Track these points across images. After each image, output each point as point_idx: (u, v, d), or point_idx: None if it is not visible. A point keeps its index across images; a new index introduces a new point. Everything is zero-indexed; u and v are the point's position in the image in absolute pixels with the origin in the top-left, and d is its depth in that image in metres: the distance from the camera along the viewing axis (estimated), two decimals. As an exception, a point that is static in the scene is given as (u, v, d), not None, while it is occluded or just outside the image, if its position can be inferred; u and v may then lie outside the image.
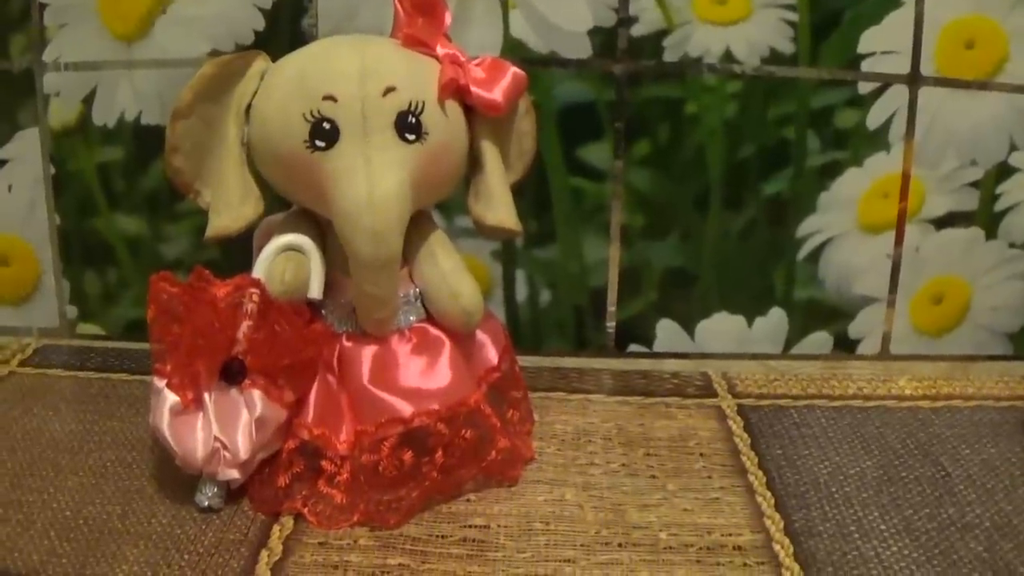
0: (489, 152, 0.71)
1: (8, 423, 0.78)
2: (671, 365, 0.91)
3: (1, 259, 0.93)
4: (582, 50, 0.85)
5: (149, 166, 0.89)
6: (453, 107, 0.69)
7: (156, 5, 0.85)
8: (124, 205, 0.90)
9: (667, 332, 0.92)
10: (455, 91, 0.68)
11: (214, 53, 0.85)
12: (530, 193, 0.86)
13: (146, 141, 0.88)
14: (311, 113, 0.65)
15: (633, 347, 0.92)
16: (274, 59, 0.71)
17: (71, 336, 0.93)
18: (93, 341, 0.93)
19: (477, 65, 0.70)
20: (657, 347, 0.92)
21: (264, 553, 0.64)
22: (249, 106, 0.69)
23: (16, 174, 0.90)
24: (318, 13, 0.85)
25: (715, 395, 0.85)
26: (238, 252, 0.72)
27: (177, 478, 0.69)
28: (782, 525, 0.68)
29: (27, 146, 0.90)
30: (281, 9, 0.85)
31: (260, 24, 0.85)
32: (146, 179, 0.89)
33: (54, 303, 0.93)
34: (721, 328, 0.91)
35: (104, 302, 0.93)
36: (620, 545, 0.66)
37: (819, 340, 0.92)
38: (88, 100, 0.88)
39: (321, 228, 0.70)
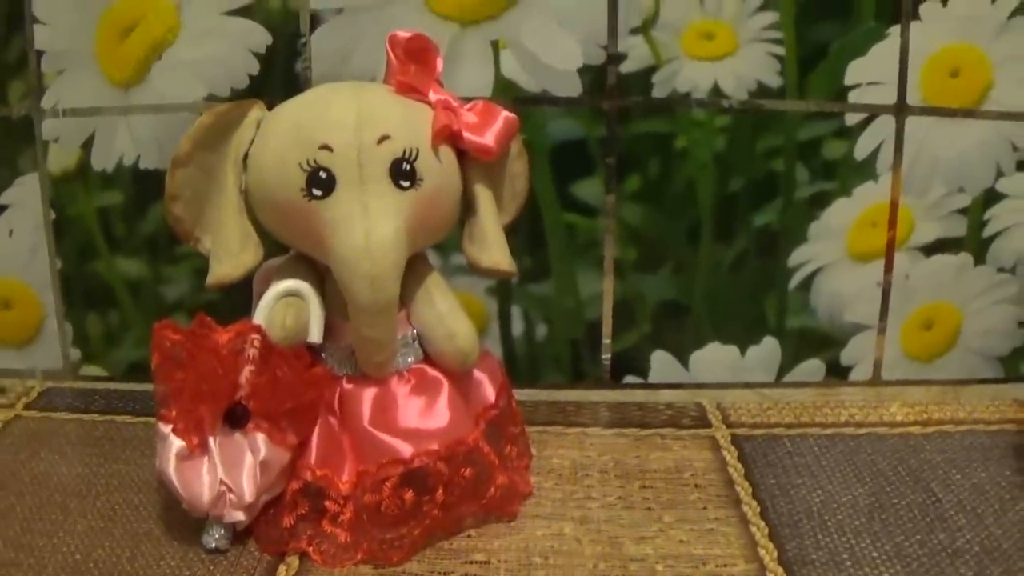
0: (482, 195, 0.72)
1: (16, 467, 0.79)
2: (666, 395, 0.92)
3: (4, 303, 0.94)
4: (572, 88, 0.86)
5: (148, 210, 0.90)
6: (446, 152, 0.70)
7: (152, 51, 0.87)
8: (124, 248, 0.91)
9: (661, 363, 0.93)
10: (448, 137, 0.69)
11: (210, 97, 0.87)
12: (524, 229, 0.88)
13: (145, 185, 0.89)
14: (307, 162, 0.66)
15: (629, 378, 0.93)
16: (269, 103, 0.72)
17: (75, 378, 0.94)
18: (96, 383, 0.94)
19: (469, 110, 0.71)
20: (652, 378, 0.93)
21: (271, 593, 0.66)
22: (247, 154, 0.70)
23: (17, 219, 0.91)
24: (312, 57, 0.86)
25: (709, 425, 0.86)
26: (238, 294, 0.73)
27: (184, 520, 0.70)
28: (776, 555, 0.69)
29: (27, 191, 0.91)
30: (275, 53, 0.86)
31: (255, 68, 0.86)
32: (145, 223, 0.90)
33: (57, 345, 0.94)
34: (715, 358, 0.92)
35: (106, 344, 0.94)
36: (618, 577, 0.67)
37: (812, 368, 0.93)
38: (87, 145, 0.89)
39: (319, 273, 0.71)
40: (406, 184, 0.67)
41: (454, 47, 0.85)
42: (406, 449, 0.68)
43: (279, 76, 0.86)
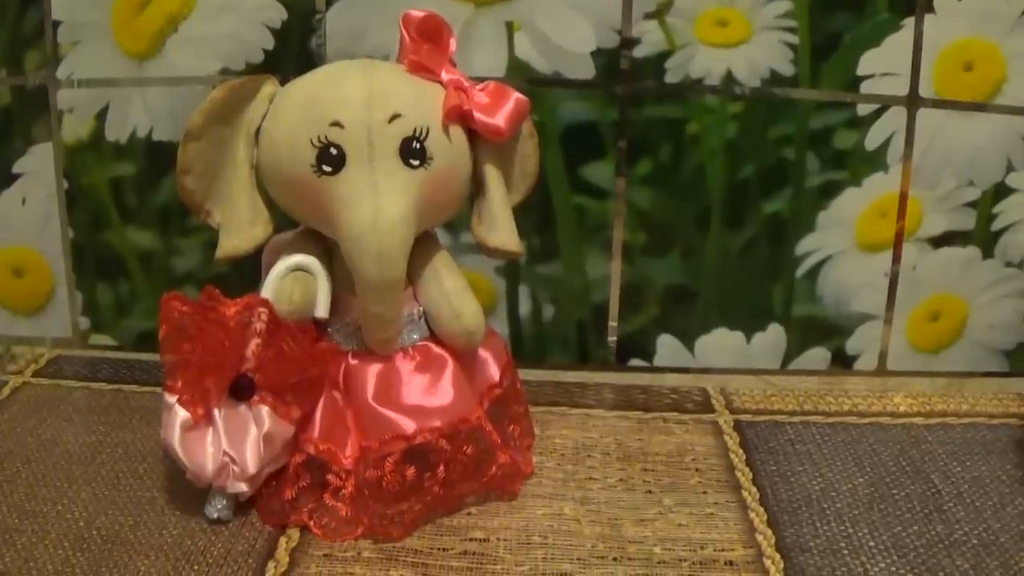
0: (492, 175, 0.73)
1: (23, 434, 0.80)
2: (671, 379, 0.92)
3: (16, 271, 0.94)
4: (585, 71, 0.87)
5: (161, 181, 0.90)
6: (457, 132, 0.70)
7: (168, 24, 0.87)
8: (136, 219, 0.92)
9: (667, 347, 0.93)
10: (459, 117, 0.70)
11: (224, 71, 0.87)
12: (534, 211, 0.88)
13: (158, 157, 0.89)
14: (318, 139, 0.66)
15: (634, 361, 0.94)
16: (283, 80, 0.72)
17: (83, 347, 0.95)
18: (105, 352, 0.95)
19: (480, 90, 0.71)
20: (657, 362, 0.93)
21: (271, 564, 0.66)
22: (259, 129, 0.70)
23: (30, 188, 0.92)
24: (326, 33, 0.86)
25: (713, 410, 0.86)
26: (247, 267, 0.73)
27: (187, 490, 0.71)
28: (773, 541, 0.69)
29: (41, 160, 0.91)
30: (290, 29, 0.87)
31: (270, 43, 0.87)
32: (158, 194, 0.91)
33: (67, 314, 0.95)
34: (720, 343, 0.93)
35: (116, 313, 0.94)
36: (615, 559, 0.67)
37: (817, 356, 0.93)
38: (101, 116, 0.90)
39: (328, 248, 0.71)
40: (416, 163, 0.67)
41: (468, 28, 0.85)
42: (409, 425, 0.69)
43: (294, 52, 0.87)
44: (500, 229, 0.73)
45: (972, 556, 0.68)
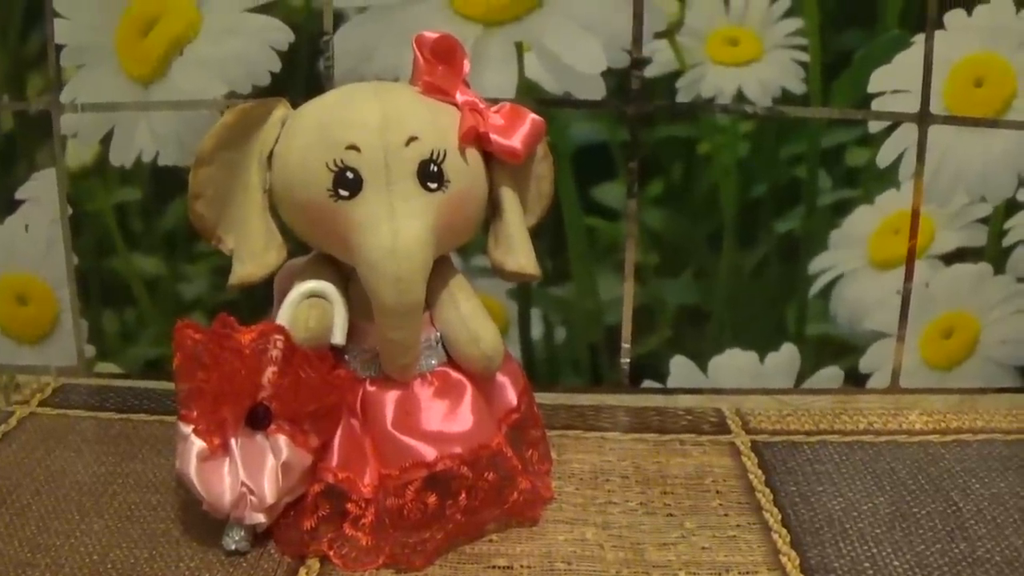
0: (508, 198, 0.72)
1: (31, 465, 0.79)
2: (684, 400, 0.92)
3: (19, 298, 0.93)
4: (596, 91, 0.86)
5: (167, 206, 0.90)
6: (473, 154, 0.69)
7: (173, 47, 0.86)
8: (142, 245, 0.91)
9: (680, 368, 0.93)
10: (475, 139, 0.69)
11: (231, 95, 0.86)
12: (546, 232, 0.87)
13: (164, 182, 0.89)
14: (334, 163, 0.66)
15: (647, 383, 0.93)
16: (292, 101, 0.71)
17: (89, 375, 0.94)
18: (111, 380, 0.94)
19: (496, 112, 0.71)
20: (671, 383, 0.93)
21: (292, 596, 0.65)
22: (271, 153, 0.70)
23: (33, 214, 0.91)
24: (334, 55, 0.86)
25: (729, 431, 0.86)
26: (259, 293, 0.73)
27: (202, 521, 0.70)
28: (798, 562, 0.69)
29: (44, 186, 0.90)
30: (298, 51, 0.86)
31: (276, 66, 0.86)
32: (164, 219, 0.90)
33: (72, 342, 0.94)
34: (734, 364, 0.93)
35: (122, 341, 0.93)
36: (641, 585, 0.67)
37: (830, 375, 0.93)
38: (105, 141, 0.89)
39: (343, 273, 0.71)
40: (433, 186, 0.67)
41: (477, 48, 0.85)
42: (430, 452, 0.68)
43: (302, 74, 0.86)
44: (518, 252, 0.72)
45: (996, 574, 0.68)
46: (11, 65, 0.88)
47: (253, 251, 0.70)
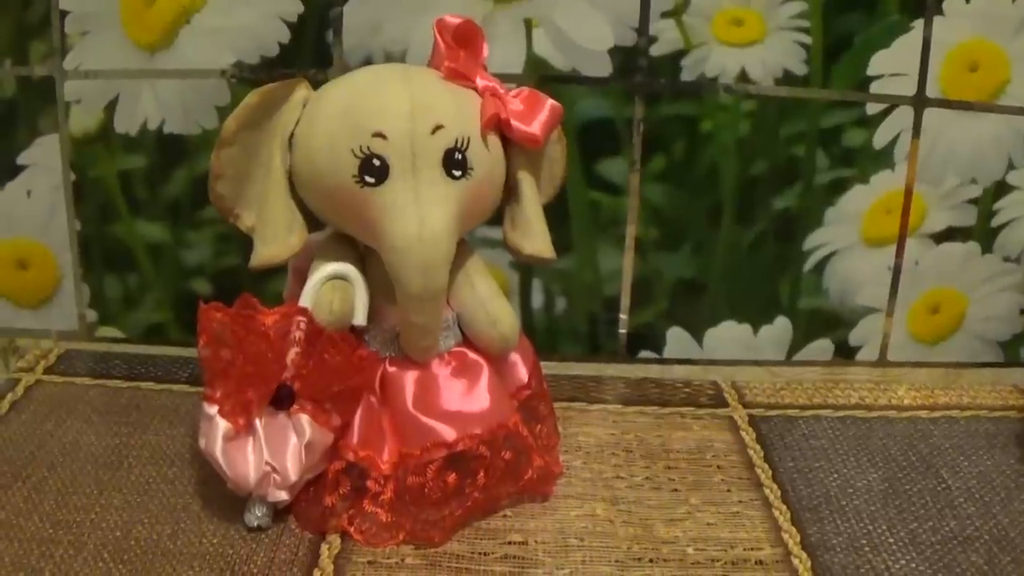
0: (526, 182, 0.73)
1: (43, 437, 0.79)
2: (679, 371, 0.94)
3: (20, 263, 0.93)
4: (602, 68, 0.87)
5: (171, 174, 0.89)
6: (494, 140, 0.70)
7: (180, 16, 0.86)
8: (145, 212, 0.91)
9: (676, 339, 0.94)
10: (496, 125, 0.70)
11: (239, 65, 0.86)
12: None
13: (169, 150, 0.88)
14: (360, 149, 0.66)
15: (643, 353, 0.95)
16: (301, 74, 0.71)
17: (90, 339, 0.94)
18: (113, 345, 0.94)
19: (515, 97, 0.71)
20: (666, 353, 0.95)
21: (316, 573, 0.67)
22: (292, 135, 0.70)
23: (36, 180, 0.90)
24: (343, 27, 0.85)
25: (726, 405, 0.88)
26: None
27: (222, 496, 0.71)
28: (799, 539, 0.71)
29: (47, 152, 0.90)
30: (306, 22, 0.85)
31: (285, 36, 0.86)
32: (168, 187, 0.90)
33: (73, 307, 0.93)
34: (728, 336, 0.94)
35: (124, 306, 0.93)
36: (652, 560, 0.69)
37: (821, 347, 0.95)
38: (110, 108, 0.88)
39: (360, 252, 0.71)
40: (458, 174, 0.67)
41: (486, 24, 0.85)
42: (450, 433, 0.70)
43: (310, 46, 0.86)
44: (535, 237, 0.73)
45: (985, 552, 0.71)
46: (14, 30, 0.87)
47: (276, 233, 0.70)
